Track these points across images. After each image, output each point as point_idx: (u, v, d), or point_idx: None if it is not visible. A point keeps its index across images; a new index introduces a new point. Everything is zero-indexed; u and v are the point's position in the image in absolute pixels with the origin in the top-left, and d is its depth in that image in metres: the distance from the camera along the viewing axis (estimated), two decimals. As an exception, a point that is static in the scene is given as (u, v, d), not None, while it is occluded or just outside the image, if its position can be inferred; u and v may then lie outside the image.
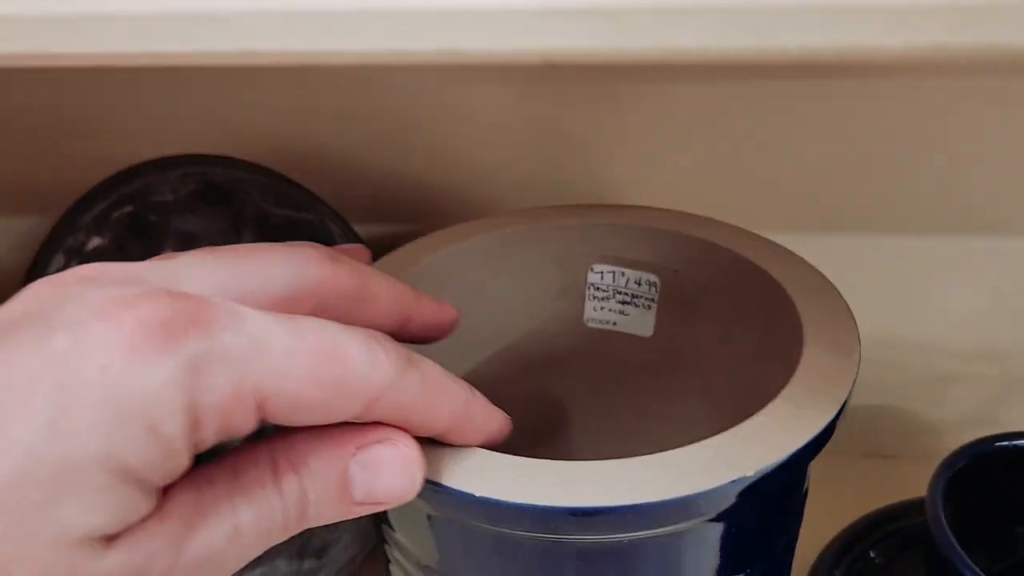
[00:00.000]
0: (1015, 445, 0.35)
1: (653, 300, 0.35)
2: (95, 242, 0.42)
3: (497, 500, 0.22)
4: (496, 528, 0.23)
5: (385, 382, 0.20)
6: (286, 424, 0.20)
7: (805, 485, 0.28)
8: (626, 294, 0.35)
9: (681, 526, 0.23)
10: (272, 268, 0.22)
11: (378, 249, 0.32)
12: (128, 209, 0.41)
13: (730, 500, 0.22)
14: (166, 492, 0.19)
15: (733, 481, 0.22)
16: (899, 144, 0.40)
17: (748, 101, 0.40)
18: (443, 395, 0.22)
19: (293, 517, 0.20)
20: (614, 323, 0.36)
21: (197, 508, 0.19)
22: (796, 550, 0.31)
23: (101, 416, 0.17)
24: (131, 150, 0.41)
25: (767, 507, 0.25)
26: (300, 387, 0.19)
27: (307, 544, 0.42)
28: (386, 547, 0.30)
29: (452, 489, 0.22)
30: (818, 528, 0.41)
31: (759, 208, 0.41)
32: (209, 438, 0.18)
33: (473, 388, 0.23)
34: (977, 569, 0.30)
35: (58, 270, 0.42)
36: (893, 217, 0.42)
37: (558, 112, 0.41)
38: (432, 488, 0.22)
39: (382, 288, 0.24)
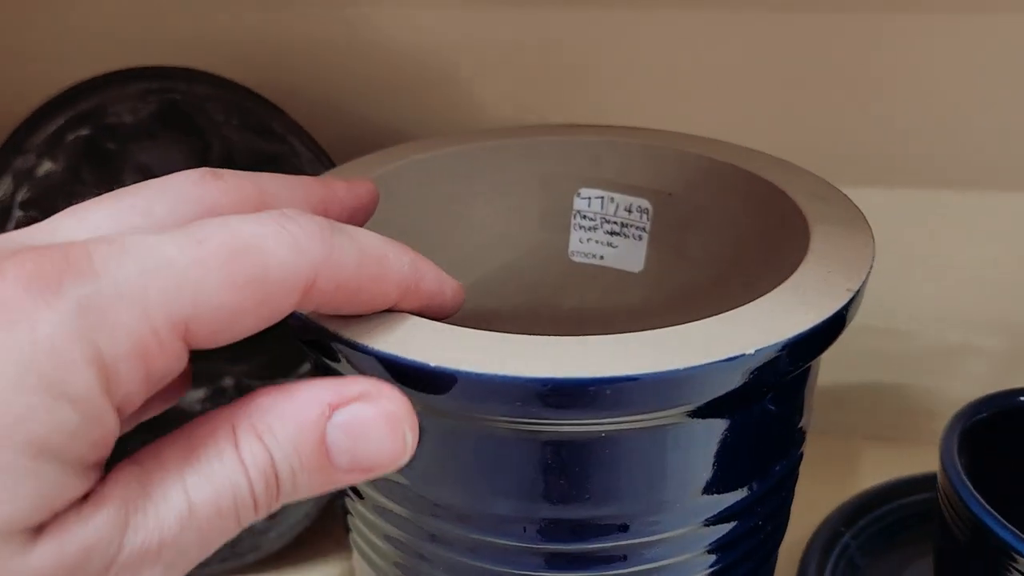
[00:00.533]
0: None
1: (644, 230, 0.32)
2: (47, 166, 0.39)
3: (456, 371, 0.19)
4: (458, 413, 0.20)
5: (315, 260, 0.18)
6: (226, 342, 0.17)
7: (805, 407, 0.25)
8: (615, 223, 0.33)
9: (666, 416, 0.20)
10: (156, 200, 0.19)
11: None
12: (84, 132, 0.38)
13: (725, 385, 0.19)
14: (109, 475, 0.16)
15: (731, 359, 0.19)
16: (906, 86, 0.37)
17: (756, 41, 0.38)
18: (385, 259, 0.19)
19: (263, 492, 0.17)
20: (601, 257, 0.33)
21: (142, 489, 0.16)
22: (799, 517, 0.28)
23: None
24: (86, 71, 0.38)
25: (765, 411, 0.22)
26: (219, 297, 0.16)
27: (260, 503, 0.39)
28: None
29: (408, 361, 0.19)
30: (820, 510, 0.38)
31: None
32: (136, 390, 0.16)
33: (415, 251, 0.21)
34: (995, 512, 0.27)
35: (6, 195, 0.39)
36: (897, 169, 0.39)
37: (558, 43, 0.39)
38: (385, 361, 0.19)
39: (282, 187, 0.22)
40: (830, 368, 0.44)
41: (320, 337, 0.20)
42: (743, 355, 0.19)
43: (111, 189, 0.43)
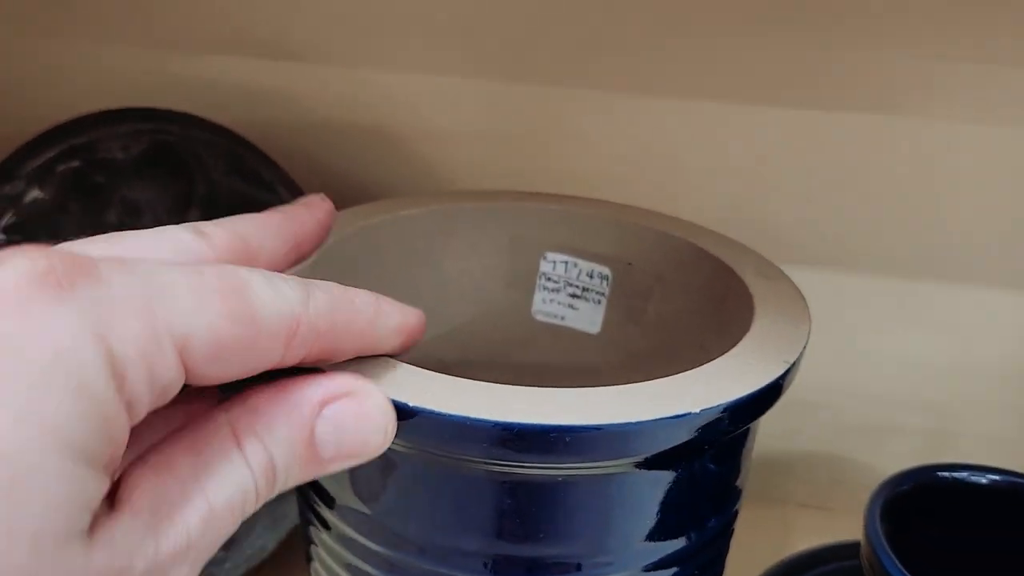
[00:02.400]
0: (954, 477, 0.35)
1: (603, 295, 0.35)
2: (35, 194, 0.40)
3: (432, 411, 0.21)
4: (429, 451, 0.22)
5: (296, 309, 0.19)
6: (215, 379, 0.18)
7: (743, 467, 0.27)
8: (577, 287, 0.35)
9: (616, 465, 0.22)
10: (153, 242, 0.20)
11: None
12: (74, 164, 0.40)
13: (671, 440, 0.22)
14: (125, 482, 0.17)
15: (678, 416, 0.21)
16: (850, 179, 0.41)
17: (706, 121, 0.41)
18: (353, 305, 0.21)
19: (263, 487, 0.19)
20: (562, 317, 0.35)
21: (164, 496, 0.17)
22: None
23: (20, 386, 0.15)
24: (85, 108, 0.40)
25: (705, 467, 0.24)
26: (216, 323, 0.17)
27: (216, 534, 0.40)
28: (309, 517, 0.28)
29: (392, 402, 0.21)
30: (755, 570, 0.40)
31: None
32: (141, 396, 0.16)
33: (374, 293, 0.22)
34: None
35: (-9, 218, 0.40)
36: (840, 256, 0.42)
37: (530, 116, 0.42)
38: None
39: (260, 230, 0.23)
40: (769, 438, 0.46)
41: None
42: (689, 413, 0.21)
43: (95, 221, 0.44)
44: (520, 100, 0.41)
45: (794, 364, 0.24)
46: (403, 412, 0.21)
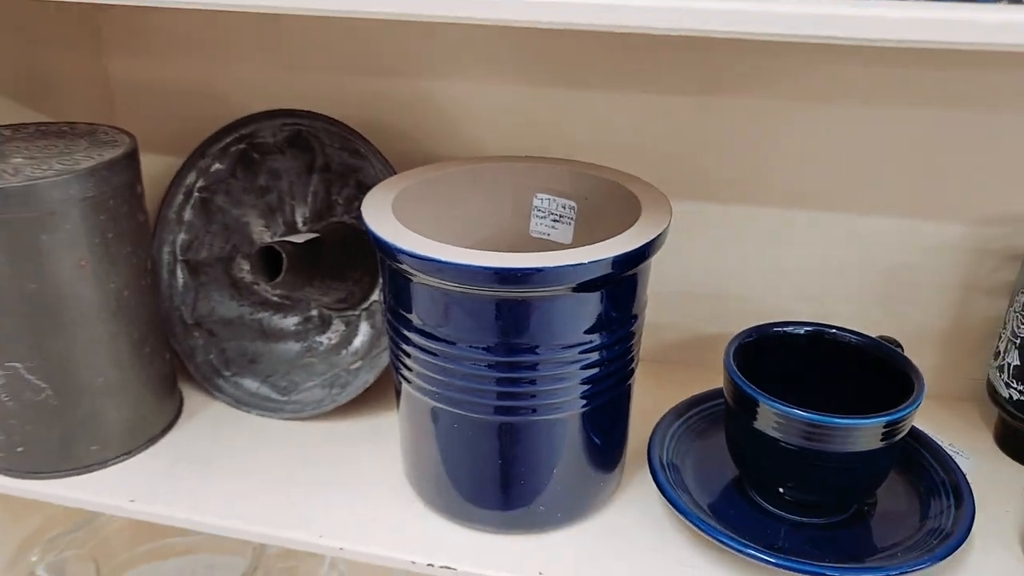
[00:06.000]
0: (784, 330, 0.55)
1: (572, 219, 0.56)
2: (216, 166, 0.63)
3: (455, 263, 0.42)
4: (455, 286, 0.44)
5: None
6: None
7: (636, 299, 0.48)
8: (556, 215, 0.56)
9: (557, 290, 0.44)
10: None
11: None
12: (241, 146, 0.63)
13: (580, 276, 0.43)
14: None
15: (575, 264, 0.43)
16: (749, 132, 0.61)
17: (637, 116, 0.62)
18: None
19: None
20: (548, 234, 0.57)
21: None
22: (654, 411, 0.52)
23: None
24: (250, 109, 0.62)
25: (610, 294, 0.46)
26: None
27: (272, 375, 0.63)
28: (397, 340, 0.50)
29: (439, 260, 0.43)
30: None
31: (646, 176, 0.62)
32: None
33: None
34: (745, 379, 0.50)
35: (191, 183, 0.63)
36: (742, 194, 0.63)
37: (537, 109, 0.63)
38: (423, 260, 0.43)
39: None
40: (702, 321, 0.67)
41: (390, 250, 0.44)
42: (582, 263, 0.43)
43: (252, 184, 0.68)
44: (535, 99, 0.63)
45: (652, 240, 0.45)
46: (441, 264, 0.43)
